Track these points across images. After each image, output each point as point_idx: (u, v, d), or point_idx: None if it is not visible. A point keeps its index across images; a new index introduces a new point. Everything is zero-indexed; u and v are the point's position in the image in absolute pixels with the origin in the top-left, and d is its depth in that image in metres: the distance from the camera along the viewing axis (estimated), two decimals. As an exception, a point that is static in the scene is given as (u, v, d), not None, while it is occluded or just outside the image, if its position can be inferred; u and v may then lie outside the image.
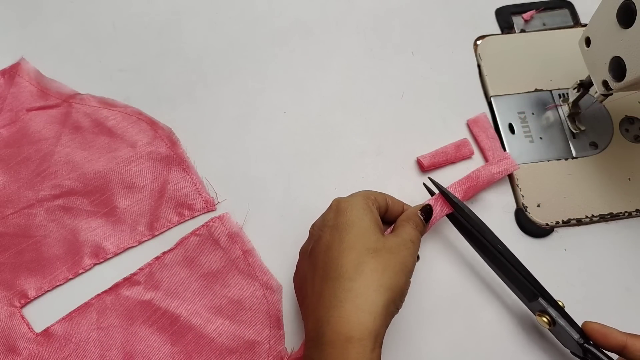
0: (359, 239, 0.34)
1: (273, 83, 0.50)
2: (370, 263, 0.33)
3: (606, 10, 0.38)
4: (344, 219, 0.35)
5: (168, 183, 0.45)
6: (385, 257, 0.33)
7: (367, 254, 0.33)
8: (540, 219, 0.45)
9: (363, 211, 0.35)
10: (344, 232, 0.34)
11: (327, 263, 0.34)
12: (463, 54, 0.52)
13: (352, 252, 0.33)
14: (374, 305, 0.31)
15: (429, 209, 0.40)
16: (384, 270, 0.33)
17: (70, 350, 0.40)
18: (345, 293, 0.31)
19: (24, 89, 0.47)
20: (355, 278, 0.32)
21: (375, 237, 0.34)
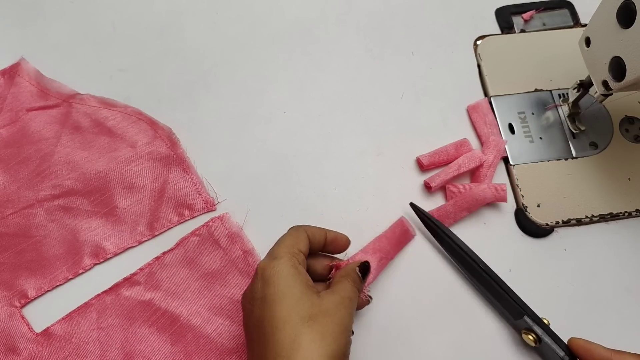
0: (292, 309, 0.32)
1: (273, 83, 0.50)
2: (307, 334, 0.31)
3: (606, 10, 0.38)
4: (272, 289, 0.33)
5: (168, 183, 0.45)
6: (322, 322, 0.32)
7: (302, 325, 0.31)
8: (540, 219, 0.45)
9: (291, 277, 0.33)
10: (273, 304, 0.32)
11: (262, 340, 0.32)
12: (463, 54, 0.52)
13: (287, 326, 0.31)
14: None
15: (366, 266, 0.38)
16: (323, 338, 0.31)
17: (70, 350, 0.40)
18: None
19: (24, 89, 0.47)
20: (293, 355, 0.30)
21: (309, 302, 0.32)
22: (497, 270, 0.44)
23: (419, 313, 0.42)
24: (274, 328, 0.31)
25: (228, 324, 0.41)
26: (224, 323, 0.41)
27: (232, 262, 0.43)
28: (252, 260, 0.43)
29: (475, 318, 0.42)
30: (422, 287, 0.43)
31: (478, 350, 0.42)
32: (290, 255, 0.35)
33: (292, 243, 0.36)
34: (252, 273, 0.42)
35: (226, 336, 0.41)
